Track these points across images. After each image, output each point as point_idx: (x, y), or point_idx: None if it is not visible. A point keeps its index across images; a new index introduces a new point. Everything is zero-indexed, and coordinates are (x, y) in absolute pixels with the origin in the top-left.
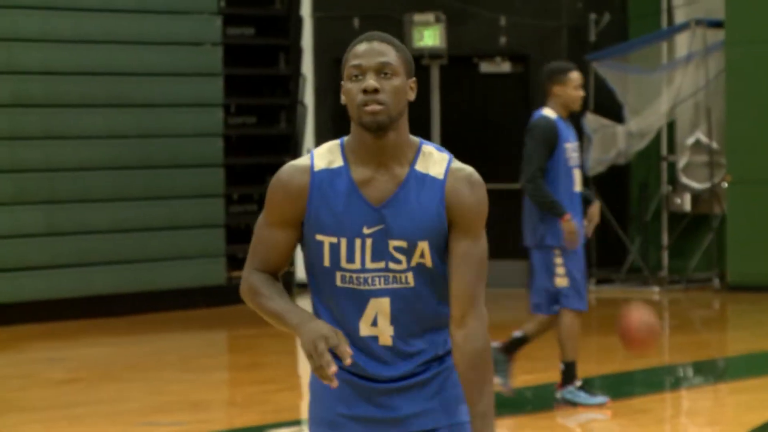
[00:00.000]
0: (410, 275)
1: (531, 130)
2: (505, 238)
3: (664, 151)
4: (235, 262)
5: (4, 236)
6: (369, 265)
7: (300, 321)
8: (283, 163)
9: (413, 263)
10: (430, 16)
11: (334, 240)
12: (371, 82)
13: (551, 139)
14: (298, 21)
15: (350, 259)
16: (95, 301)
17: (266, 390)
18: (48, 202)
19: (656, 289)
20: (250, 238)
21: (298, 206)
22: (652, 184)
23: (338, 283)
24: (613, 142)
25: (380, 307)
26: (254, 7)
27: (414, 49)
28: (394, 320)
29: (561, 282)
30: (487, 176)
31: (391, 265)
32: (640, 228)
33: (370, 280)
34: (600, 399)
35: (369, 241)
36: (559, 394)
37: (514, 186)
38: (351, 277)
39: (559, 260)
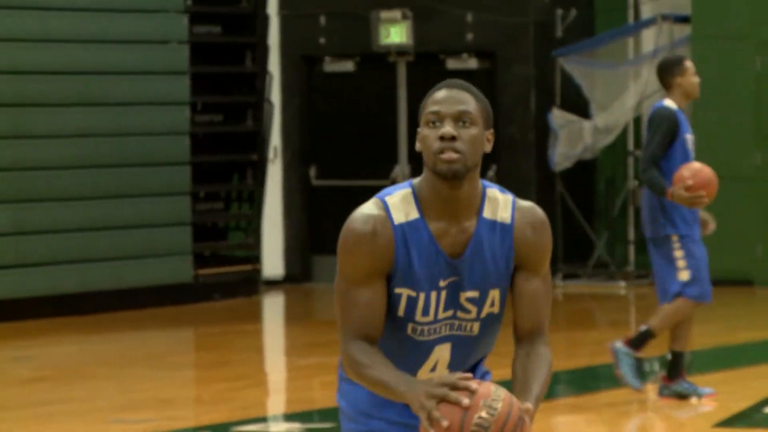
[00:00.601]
0: (477, 325)
1: (652, 119)
2: None
3: (630, 146)
4: (202, 260)
5: None
6: (440, 315)
7: (407, 388)
8: (250, 160)
9: (483, 314)
10: (396, 13)
11: (413, 294)
12: (449, 129)
13: (672, 129)
14: (265, 19)
15: (425, 312)
16: (64, 300)
17: (234, 387)
18: (16, 201)
19: (623, 284)
20: (217, 236)
21: (386, 259)
22: (618, 179)
23: (408, 332)
24: (580, 137)
25: (442, 354)
26: (220, 5)
27: (380, 47)
28: (451, 365)
29: (683, 273)
30: None
31: (459, 314)
32: (607, 223)
33: (437, 329)
34: (707, 390)
35: (443, 294)
36: (666, 390)
37: None
38: (423, 329)
39: (679, 252)
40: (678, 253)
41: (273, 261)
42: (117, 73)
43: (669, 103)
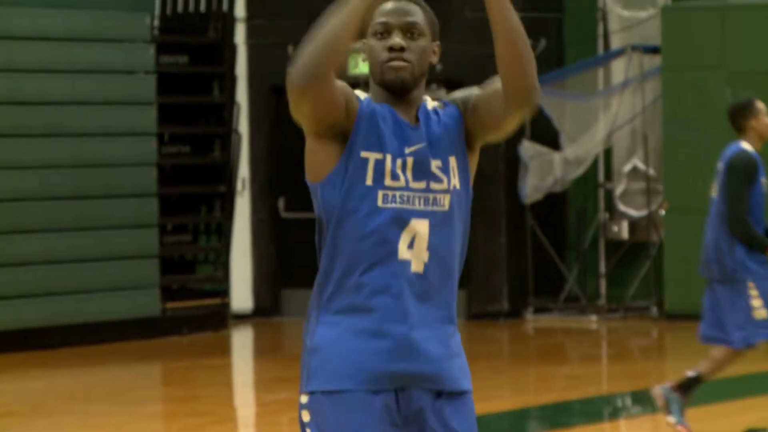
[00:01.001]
0: (447, 198)
1: (734, 165)
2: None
3: (601, 178)
4: (170, 294)
5: None
6: (412, 184)
7: None
8: (218, 192)
9: (450, 185)
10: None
11: (380, 156)
12: (398, 39)
13: (752, 173)
14: (232, 48)
15: (394, 176)
16: (28, 334)
17: (201, 423)
18: None
19: (594, 317)
20: (184, 269)
21: (351, 105)
22: (589, 212)
23: (379, 203)
24: (550, 169)
25: (419, 228)
26: (188, 35)
27: (349, 78)
28: (431, 246)
29: (760, 313)
30: None
31: (433, 185)
32: (578, 256)
33: (410, 199)
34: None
35: (410, 161)
36: (664, 391)
37: None
38: (394, 195)
39: (754, 292)
40: (753, 292)
41: (241, 294)
42: (83, 103)
43: (746, 146)
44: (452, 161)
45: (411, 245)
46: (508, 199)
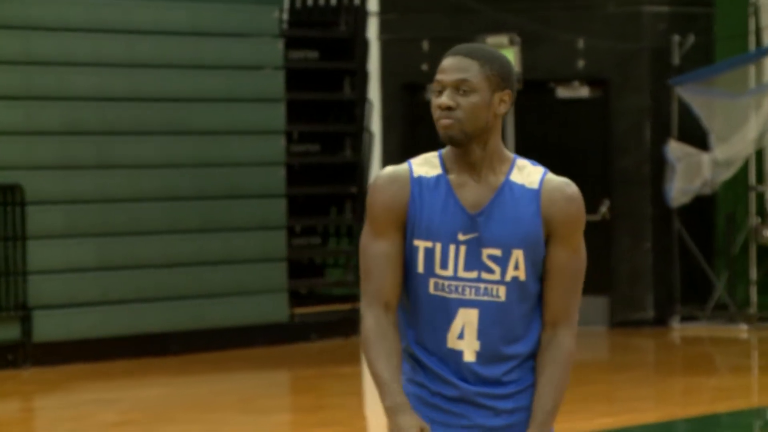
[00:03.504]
0: (502, 288)
1: None
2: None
3: (752, 180)
4: (298, 298)
5: (55, 270)
6: (462, 273)
7: (392, 405)
8: (348, 193)
9: (507, 277)
10: (503, 39)
11: (430, 245)
12: (444, 99)
13: None
14: (364, 44)
15: (444, 265)
16: (149, 339)
17: None
18: (100, 234)
19: (744, 326)
20: (313, 273)
21: (401, 209)
22: (739, 216)
23: (431, 290)
24: (698, 171)
25: (468, 319)
26: (318, 29)
27: None
28: (481, 335)
29: None
30: None
31: (484, 275)
32: (727, 262)
33: (461, 289)
34: None
35: (463, 249)
36: None
37: (591, 218)
38: (444, 285)
39: None
40: None
41: None
42: (207, 100)
43: None
44: (516, 253)
45: (461, 336)
46: (654, 203)
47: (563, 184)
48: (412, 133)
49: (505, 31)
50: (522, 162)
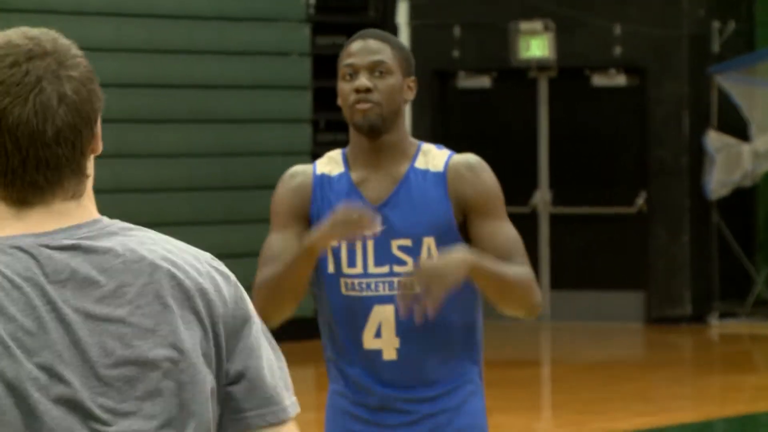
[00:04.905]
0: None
1: None
2: (619, 266)
3: None
4: None
5: None
6: (372, 269)
7: (307, 240)
8: None
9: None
10: (537, 25)
11: (335, 243)
12: (363, 80)
13: None
14: (394, 29)
15: (351, 263)
16: None
17: None
18: None
19: None
20: None
21: (303, 206)
22: None
23: (342, 290)
24: (738, 162)
25: (384, 316)
26: (346, 14)
27: (520, 61)
28: (399, 331)
29: None
30: (598, 199)
31: (396, 268)
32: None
33: (373, 286)
34: None
35: (370, 244)
36: None
37: (628, 210)
38: (354, 283)
39: None
40: None
41: None
42: (232, 87)
43: None
44: (427, 241)
45: (378, 334)
46: (692, 195)
47: (465, 159)
48: (442, 119)
49: (539, 17)
50: (427, 147)
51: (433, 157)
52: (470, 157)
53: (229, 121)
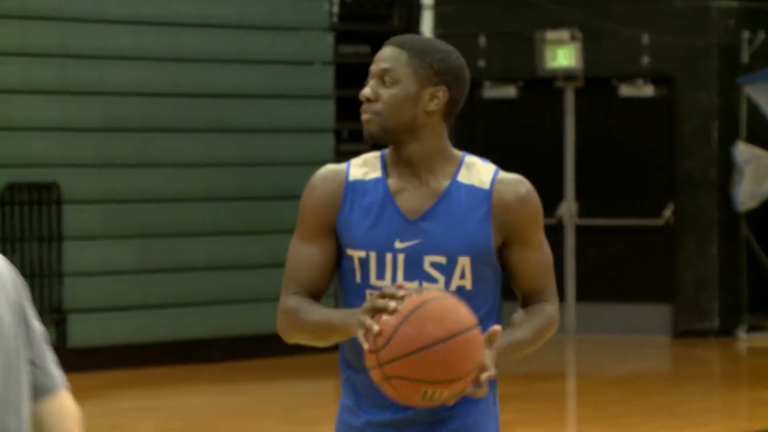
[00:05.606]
0: None
1: None
2: (645, 278)
3: None
4: None
5: (93, 273)
6: (401, 283)
7: (346, 315)
8: None
9: (452, 286)
10: (564, 34)
11: (363, 254)
12: (366, 90)
13: None
14: None
15: (380, 275)
16: (191, 346)
17: None
18: (140, 236)
19: None
20: None
21: (331, 214)
22: None
23: None
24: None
25: None
26: (370, 22)
27: (546, 70)
28: None
29: None
30: (625, 211)
31: (426, 286)
32: None
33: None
34: None
35: (401, 257)
36: None
37: (655, 222)
38: None
39: None
40: None
41: None
42: (253, 96)
43: None
44: (462, 261)
45: None
46: (721, 207)
47: (516, 183)
48: (470, 129)
49: (565, 26)
50: (471, 159)
51: (478, 171)
52: (519, 184)
53: (251, 130)
